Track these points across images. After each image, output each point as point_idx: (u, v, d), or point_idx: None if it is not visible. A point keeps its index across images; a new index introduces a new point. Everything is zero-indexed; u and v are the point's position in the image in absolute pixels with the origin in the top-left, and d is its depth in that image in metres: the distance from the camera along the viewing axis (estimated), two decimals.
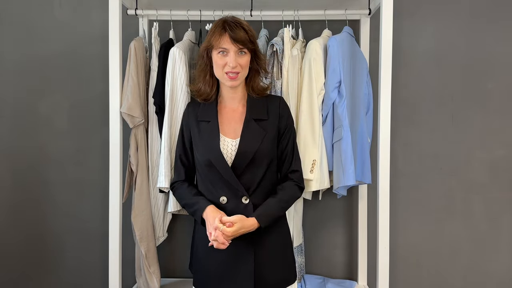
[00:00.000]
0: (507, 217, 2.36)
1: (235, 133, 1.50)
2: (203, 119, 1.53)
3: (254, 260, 1.45)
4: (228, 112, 1.55)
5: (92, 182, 2.38)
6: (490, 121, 2.35)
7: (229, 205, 1.46)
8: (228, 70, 1.44)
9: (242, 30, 1.45)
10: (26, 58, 2.37)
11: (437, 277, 2.39)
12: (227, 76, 1.45)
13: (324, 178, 1.99)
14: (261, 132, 1.48)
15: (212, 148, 1.47)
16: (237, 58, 1.45)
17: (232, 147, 1.48)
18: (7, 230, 2.40)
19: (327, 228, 2.41)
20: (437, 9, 2.34)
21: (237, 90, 1.54)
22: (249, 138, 1.47)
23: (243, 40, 1.44)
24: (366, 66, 2.16)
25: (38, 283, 2.41)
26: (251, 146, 1.46)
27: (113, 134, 1.91)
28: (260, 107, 1.53)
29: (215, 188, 1.49)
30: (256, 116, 1.51)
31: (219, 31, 1.46)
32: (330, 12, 2.08)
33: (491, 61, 2.34)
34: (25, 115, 2.38)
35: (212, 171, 1.48)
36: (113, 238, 1.90)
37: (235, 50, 1.44)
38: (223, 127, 1.52)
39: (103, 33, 2.24)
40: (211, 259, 1.49)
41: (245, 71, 1.49)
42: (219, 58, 1.46)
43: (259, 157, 1.47)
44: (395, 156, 2.33)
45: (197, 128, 1.53)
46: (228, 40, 1.43)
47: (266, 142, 1.48)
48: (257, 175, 1.47)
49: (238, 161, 1.45)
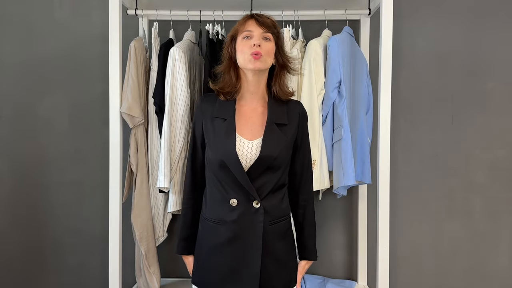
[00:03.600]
0: (507, 217, 2.36)
1: (252, 134, 1.45)
2: (219, 116, 1.47)
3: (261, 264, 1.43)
4: (246, 111, 1.49)
5: (92, 182, 2.38)
6: (490, 121, 2.35)
7: (239, 207, 1.42)
8: (252, 50, 1.40)
9: (268, 18, 1.46)
10: (26, 58, 2.37)
11: (437, 277, 2.39)
12: (251, 57, 1.40)
13: (324, 178, 1.99)
14: (282, 138, 1.44)
15: (227, 149, 1.41)
16: (261, 41, 1.42)
17: (248, 149, 1.43)
18: (7, 230, 2.40)
19: (327, 228, 2.41)
20: (437, 9, 2.35)
21: (259, 83, 1.48)
22: (271, 143, 1.42)
23: (268, 24, 1.43)
24: (366, 66, 2.16)
25: (38, 283, 2.42)
26: (273, 151, 1.41)
27: (113, 134, 1.90)
28: (281, 111, 1.48)
29: (225, 190, 1.44)
30: (277, 120, 1.46)
31: (245, 18, 1.47)
32: (330, 12, 2.09)
33: (491, 61, 2.34)
34: (25, 116, 2.38)
35: (224, 171, 1.43)
36: (113, 238, 1.90)
37: (260, 32, 1.42)
38: (240, 126, 1.46)
39: (103, 33, 2.24)
40: (216, 259, 1.46)
41: (269, 58, 1.44)
42: (243, 43, 1.43)
43: (278, 163, 1.43)
44: (395, 156, 2.33)
45: (211, 125, 1.47)
46: (254, 23, 1.43)
47: (286, 148, 1.45)
48: (272, 180, 1.43)
49: (256, 165, 1.41)
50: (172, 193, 1.95)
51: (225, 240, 1.43)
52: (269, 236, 1.43)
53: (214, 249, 1.45)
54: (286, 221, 1.50)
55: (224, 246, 1.43)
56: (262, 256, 1.43)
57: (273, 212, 1.44)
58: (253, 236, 1.42)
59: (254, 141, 1.43)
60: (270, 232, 1.44)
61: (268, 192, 1.43)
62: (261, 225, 1.41)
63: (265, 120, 1.46)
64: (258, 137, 1.44)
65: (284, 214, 1.49)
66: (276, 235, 1.46)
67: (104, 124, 2.26)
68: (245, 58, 1.42)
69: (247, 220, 1.41)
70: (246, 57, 1.41)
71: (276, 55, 1.47)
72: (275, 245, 1.46)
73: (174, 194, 1.95)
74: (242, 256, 1.43)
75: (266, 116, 1.47)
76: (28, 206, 2.39)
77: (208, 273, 1.49)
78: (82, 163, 2.38)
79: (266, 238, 1.43)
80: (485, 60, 2.34)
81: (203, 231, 1.52)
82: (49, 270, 2.41)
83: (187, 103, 1.91)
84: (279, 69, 1.49)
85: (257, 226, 1.41)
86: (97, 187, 2.36)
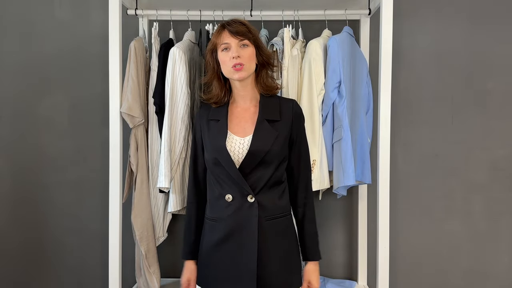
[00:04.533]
0: (507, 217, 2.36)
1: (244, 132, 1.50)
2: (213, 118, 1.54)
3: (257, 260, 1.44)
4: (239, 111, 1.55)
5: (92, 182, 2.38)
6: (490, 121, 2.35)
7: (234, 203, 1.46)
8: (233, 62, 1.45)
9: (240, 24, 1.48)
10: (26, 58, 2.37)
11: (437, 277, 2.39)
12: (233, 69, 1.46)
13: (324, 178, 1.99)
14: (273, 133, 1.48)
15: (219, 146, 1.47)
16: (239, 50, 1.46)
17: (240, 145, 1.48)
18: (7, 229, 2.40)
19: (327, 228, 2.40)
20: (437, 9, 2.35)
21: (247, 87, 1.53)
22: (261, 138, 1.47)
23: (242, 32, 1.46)
24: (366, 66, 2.16)
25: (38, 283, 2.42)
26: (263, 146, 1.46)
27: (113, 134, 1.91)
28: (273, 108, 1.53)
29: (221, 186, 1.49)
30: (269, 116, 1.50)
31: (218, 30, 1.50)
32: (330, 12, 2.09)
33: (491, 61, 2.34)
34: (25, 115, 2.38)
35: (219, 169, 1.48)
36: (113, 238, 1.90)
37: (236, 42, 1.46)
38: (232, 125, 1.52)
39: (103, 33, 2.24)
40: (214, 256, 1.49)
41: (251, 64, 1.49)
42: (223, 55, 1.48)
43: (270, 158, 1.46)
44: (395, 156, 2.33)
45: (207, 127, 1.54)
46: (228, 35, 1.46)
47: (277, 143, 1.48)
48: (265, 175, 1.47)
49: (248, 160, 1.45)
50: (172, 193, 1.95)
51: (222, 236, 1.46)
52: (267, 233, 1.45)
53: (212, 246, 1.49)
54: (285, 218, 1.51)
55: (221, 242, 1.47)
56: (260, 253, 1.44)
57: (270, 208, 1.47)
58: (248, 231, 1.44)
59: (246, 138, 1.49)
60: (268, 228, 1.45)
61: (262, 187, 1.46)
62: (256, 219, 1.44)
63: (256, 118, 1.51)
64: (249, 134, 1.49)
65: (283, 211, 1.50)
66: (275, 231, 1.47)
67: (104, 124, 2.26)
68: (228, 70, 1.48)
69: (242, 215, 1.45)
70: (229, 69, 1.47)
71: (257, 56, 1.51)
72: (275, 242, 1.47)
73: (174, 194, 1.95)
74: (238, 251, 1.45)
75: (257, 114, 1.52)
76: (28, 206, 2.39)
77: (208, 271, 1.51)
78: (82, 163, 2.38)
79: (264, 234, 1.44)
80: (485, 60, 2.34)
81: (204, 231, 1.55)
82: (49, 270, 2.41)
83: (187, 103, 1.91)
84: (260, 67, 1.54)
85: (252, 221, 1.44)
86: (97, 187, 2.36)
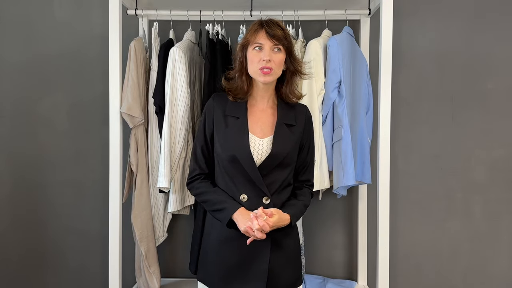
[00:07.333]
0: (507, 217, 2.36)
1: (263, 133, 1.51)
2: (231, 114, 1.52)
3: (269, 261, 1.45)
4: (256, 111, 1.54)
5: (92, 182, 2.38)
6: (490, 121, 2.35)
7: (248, 203, 1.46)
8: (262, 65, 1.44)
9: (278, 28, 1.47)
10: (26, 58, 2.37)
11: (437, 277, 2.39)
12: (260, 71, 1.44)
13: (324, 178, 1.99)
14: (291, 137, 1.50)
15: (241, 145, 1.46)
16: (271, 54, 1.45)
17: (260, 146, 1.48)
18: (7, 230, 2.40)
19: (327, 228, 2.41)
20: (437, 9, 2.35)
21: (269, 89, 1.53)
22: (282, 141, 1.48)
23: (279, 36, 1.45)
24: (366, 66, 2.16)
25: (38, 283, 2.41)
26: (283, 148, 1.47)
27: (113, 134, 1.91)
28: (289, 113, 1.54)
29: (235, 185, 1.48)
30: (286, 120, 1.52)
31: (255, 28, 1.48)
32: (330, 12, 2.09)
33: (491, 61, 2.34)
34: (25, 115, 2.38)
35: (235, 167, 1.47)
36: (113, 238, 1.90)
37: (270, 45, 1.45)
38: (251, 125, 1.51)
39: (103, 33, 2.24)
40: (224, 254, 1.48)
41: (279, 69, 1.48)
42: (254, 54, 1.46)
43: (287, 161, 1.49)
44: (395, 156, 2.33)
45: (224, 122, 1.51)
46: (264, 36, 1.45)
47: (295, 146, 1.51)
48: (281, 177, 1.48)
49: (268, 162, 1.46)
50: (172, 193, 1.95)
51: (235, 234, 1.44)
52: (277, 233, 1.45)
53: (223, 243, 1.48)
54: None
55: (233, 240, 1.46)
56: (272, 251, 1.45)
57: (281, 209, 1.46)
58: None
59: (265, 139, 1.49)
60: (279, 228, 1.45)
61: (277, 188, 1.48)
62: None
63: (274, 120, 1.52)
64: (268, 135, 1.50)
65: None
66: (284, 232, 1.47)
67: (104, 124, 2.25)
68: (255, 71, 1.47)
69: None
70: (256, 70, 1.46)
71: (287, 62, 1.51)
72: (283, 242, 1.49)
73: (174, 194, 1.95)
74: (251, 252, 1.45)
75: (275, 117, 1.53)
76: (28, 206, 2.39)
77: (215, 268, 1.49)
78: (82, 163, 2.38)
79: (275, 234, 1.44)
80: (485, 60, 2.34)
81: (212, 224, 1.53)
82: (49, 270, 2.41)
83: (187, 103, 1.91)
84: (290, 75, 1.53)
85: None
86: (97, 187, 2.36)
